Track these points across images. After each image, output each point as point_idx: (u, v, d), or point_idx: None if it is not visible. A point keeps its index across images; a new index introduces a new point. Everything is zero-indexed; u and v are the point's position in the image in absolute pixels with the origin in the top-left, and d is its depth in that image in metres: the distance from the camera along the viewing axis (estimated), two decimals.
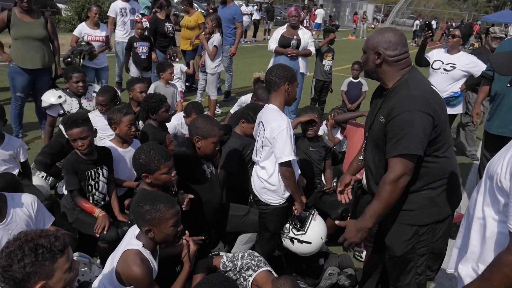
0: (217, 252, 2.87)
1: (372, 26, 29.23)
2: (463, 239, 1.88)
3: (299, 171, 3.01)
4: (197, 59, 7.57)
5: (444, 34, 25.29)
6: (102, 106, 3.99)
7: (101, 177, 3.14)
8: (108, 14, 7.39)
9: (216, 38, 6.58)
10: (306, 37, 6.33)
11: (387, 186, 2.15)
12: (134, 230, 2.20)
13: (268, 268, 2.52)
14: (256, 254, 2.61)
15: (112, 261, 2.15)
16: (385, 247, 2.52)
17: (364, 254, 3.60)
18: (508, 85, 3.99)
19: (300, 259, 3.20)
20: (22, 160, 3.50)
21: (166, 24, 7.24)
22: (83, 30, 6.19)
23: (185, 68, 6.86)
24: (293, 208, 2.98)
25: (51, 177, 4.20)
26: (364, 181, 3.91)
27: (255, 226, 3.09)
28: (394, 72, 2.24)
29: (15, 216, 2.22)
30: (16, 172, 3.50)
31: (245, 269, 2.50)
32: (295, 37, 6.20)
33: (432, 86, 2.28)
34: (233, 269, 2.52)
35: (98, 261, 3.09)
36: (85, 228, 3.02)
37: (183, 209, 2.56)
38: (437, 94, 2.25)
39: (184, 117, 4.41)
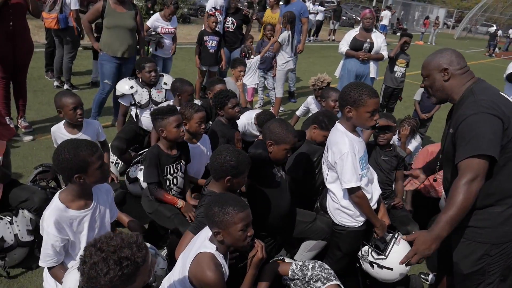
0: (281, 258, 2.80)
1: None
2: None
3: (379, 190, 2.86)
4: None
5: None
6: (190, 95, 4.06)
7: (179, 172, 3.16)
8: (207, 11, 6.92)
9: (282, 35, 6.52)
10: (379, 40, 6.09)
11: (459, 190, 2.04)
12: (207, 231, 2.16)
13: (338, 282, 2.41)
14: (327, 266, 2.51)
15: (184, 262, 2.12)
16: (452, 263, 2.39)
17: (430, 277, 3.40)
18: None
19: (364, 276, 3.05)
20: (102, 140, 3.56)
21: (228, 17, 7.00)
22: (157, 22, 6.34)
23: (258, 62, 6.64)
24: (374, 231, 2.83)
25: (119, 164, 4.33)
26: (442, 201, 3.70)
27: (321, 234, 2.98)
28: (460, 85, 2.25)
29: (98, 204, 2.28)
30: None
31: (314, 280, 2.41)
32: (368, 40, 5.99)
33: (501, 92, 2.22)
34: (301, 279, 2.44)
35: (163, 252, 3.13)
36: (163, 221, 3.05)
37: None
38: (506, 99, 2.19)
39: (255, 123, 4.36)
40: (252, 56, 6.53)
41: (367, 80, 6.18)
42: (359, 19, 6.58)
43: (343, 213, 2.76)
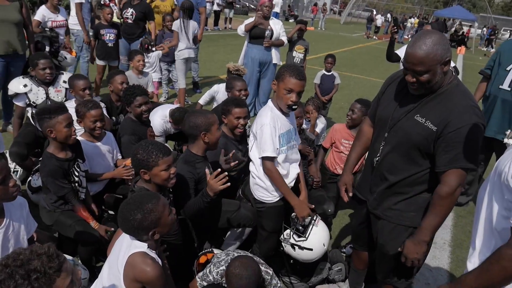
0: (209, 250, 2.81)
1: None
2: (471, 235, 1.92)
3: (298, 170, 2.94)
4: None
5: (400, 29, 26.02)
6: (82, 90, 3.77)
7: (80, 173, 2.99)
8: (76, 1, 6.62)
9: (175, 22, 6.53)
10: (277, 27, 6.30)
11: (445, 200, 2.13)
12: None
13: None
14: (223, 257, 2.52)
15: (112, 267, 2.02)
16: (377, 245, 2.54)
17: (347, 249, 3.63)
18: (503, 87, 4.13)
19: (287, 257, 3.16)
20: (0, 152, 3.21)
21: (129, 8, 6.75)
22: (45, 14, 5.78)
23: (160, 55, 6.55)
24: (295, 215, 2.90)
25: (18, 172, 3.96)
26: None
27: (246, 221, 3.03)
28: (448, 74, 2.13)
29: (11, 220, 2.05)
30: None
31: (220, 278, 2.45)
32: (269, 27, 6.15)
33: None
34: (211, 284, 2.47)
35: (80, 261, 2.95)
36: (66, 230, 2.86)
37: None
38: None
39: (170, 121, 4.28)
40: (153, 49, 6.36)
41: (270, 66, 6.37)
42: (253, 7, 6.74)
43: (260, 188, 2.82)
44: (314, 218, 2.98)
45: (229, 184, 2.56)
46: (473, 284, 1.66)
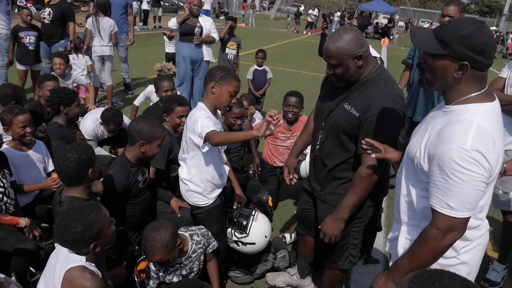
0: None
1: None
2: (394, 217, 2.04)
3: (228, 168, 2.96)
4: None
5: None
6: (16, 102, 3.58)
7: (6, 183, 2.82)
8: (17, 3, 6.17)
9: (88, 20, 6.52)
10: (207, 24, 6.26)
11: (363, 181, 2.25)
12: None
13: None
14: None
15: (48, 282, 1.93)
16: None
17: (288, 237, 3.73)
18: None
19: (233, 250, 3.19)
20: None
21: (47, 8, 6.35)
22: None
23: (90, 62, 6.29)
24: (234, 212, 2.94)
25: None
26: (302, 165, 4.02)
27: (186, 223, 2.99)
28: (368, 65, 2.25)
29: None
30: None
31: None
32: (198, 24, 6.10)
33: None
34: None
35: (13, 278, 2.78)
36: None
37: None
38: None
39: (100, 123, 4.17)
40: (83, 49, 6.14)
41: (203, 64, 6.33)
42: (182, 4, 6.72)
43: (194, 193, 2.80)
44: (253, 214, 3.04)
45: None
46: (407, 268, 1.72)
